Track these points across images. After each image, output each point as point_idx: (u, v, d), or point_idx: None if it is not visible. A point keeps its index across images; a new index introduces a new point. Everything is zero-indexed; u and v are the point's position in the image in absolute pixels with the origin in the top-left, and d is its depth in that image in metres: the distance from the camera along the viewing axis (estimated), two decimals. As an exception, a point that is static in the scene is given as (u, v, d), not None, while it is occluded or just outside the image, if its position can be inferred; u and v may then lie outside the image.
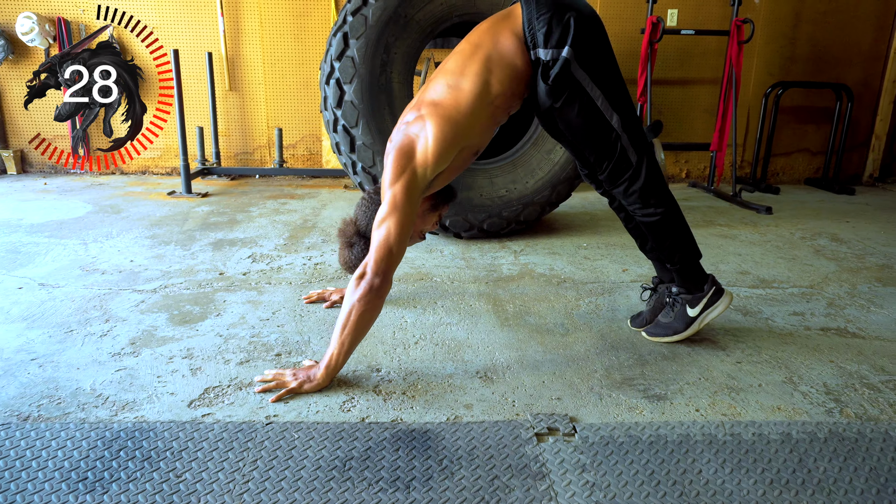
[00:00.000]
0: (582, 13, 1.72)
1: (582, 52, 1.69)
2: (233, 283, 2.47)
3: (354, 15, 2.76)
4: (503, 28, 1.73)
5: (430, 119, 1.66)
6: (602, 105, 1.74)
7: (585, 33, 1.70)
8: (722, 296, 1.97)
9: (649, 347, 2.00)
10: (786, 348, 2.02)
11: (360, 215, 1.85)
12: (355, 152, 2.88)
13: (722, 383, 1.78)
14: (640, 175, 1.81)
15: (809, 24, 4.77)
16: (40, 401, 1.58)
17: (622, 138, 1.78)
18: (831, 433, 1.52)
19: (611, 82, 1.76)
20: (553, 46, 1.68)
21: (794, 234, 3.53)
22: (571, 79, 1.71)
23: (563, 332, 2.10)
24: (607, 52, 1.78)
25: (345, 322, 1.62)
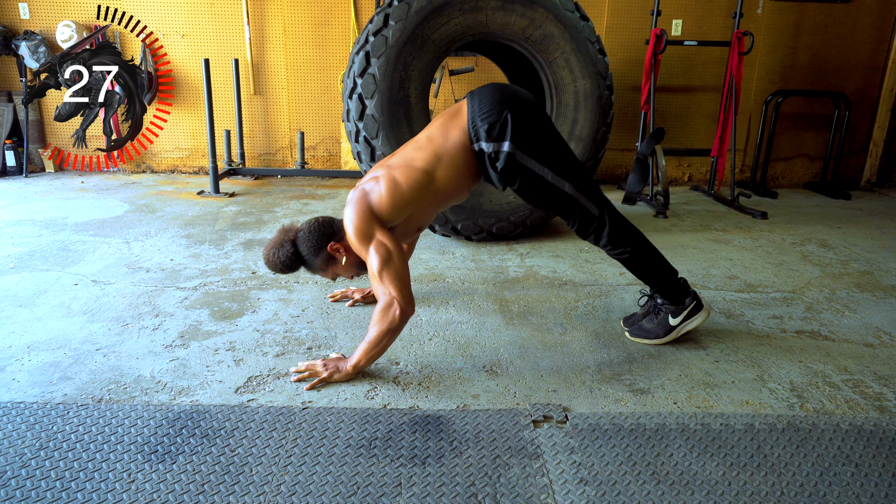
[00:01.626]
0: (519, 106, 1.96)
1: (523, 141, 1.96)
2: (264, 282, 2.74)
3: (376, 35, 3.00)
4: (453, 125, 2.01)
5: (383, 179, 1.96)
6: (552, 179, 2.01)
7: (524, 124, 1.96)
8: (700, 310, 2.22)
9: (637, 347, 2.24)
10: (761, 349, 2.26)
11: (304, 233, 2.02)
12: (375, 161, 3.13)
13: (699, 379, 2.02)
14: (604, 224, 2.07)
15: (809, 35, 4.94)
16: (109, 385, 1.86)
17: (579, 199, 2.04)
18: (789, 424, 1.76)
19: (556, 157, 2.02)
20: (494, 140, 1.95)
21: (785, 239, 3.74)
22: (518, 166, 1.98)
23: (561, 332, 2.35)
24: (548, 132, 2.03)
25: (376, 342, 1.89)
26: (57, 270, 2.81)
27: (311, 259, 2.03)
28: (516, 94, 2.02)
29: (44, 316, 2.33)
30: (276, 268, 2.05)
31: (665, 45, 4.25)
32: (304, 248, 2.02)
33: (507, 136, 1.94)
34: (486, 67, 4.97)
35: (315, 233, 2.02)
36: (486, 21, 3.12)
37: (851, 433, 1.73)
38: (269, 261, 2.06)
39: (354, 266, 2.08)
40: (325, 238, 2.01)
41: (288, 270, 2.06)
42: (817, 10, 4.90)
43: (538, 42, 3.22)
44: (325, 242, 2.01)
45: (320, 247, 2.01)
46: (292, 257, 2.03)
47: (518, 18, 3.14)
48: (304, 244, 2.02)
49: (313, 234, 2.02)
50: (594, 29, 3.33)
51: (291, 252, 2.03)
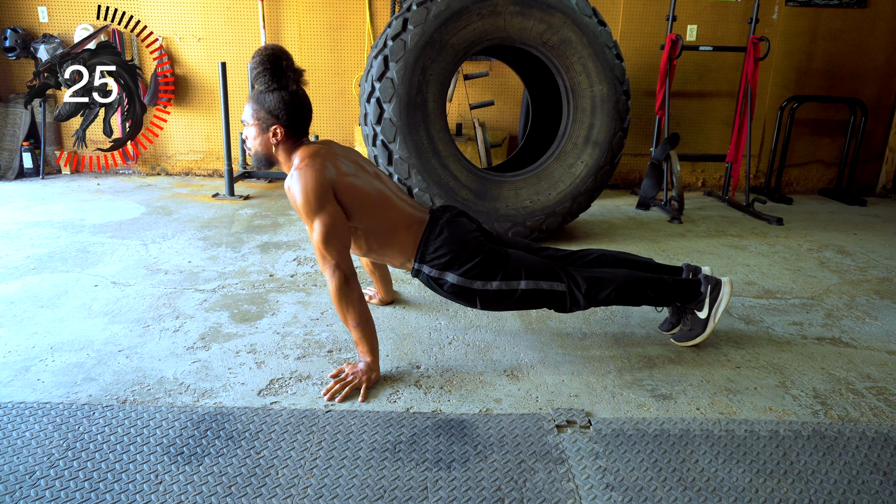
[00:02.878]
0: (463, 243, 1.99)
1: (464, 272, 1.98)
2: (282, 285, 2.75)
3: (394, 40, 3.02)
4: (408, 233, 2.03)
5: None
6: (506, 287, 2.00)
7: (464, 261, 1.98)
8: (721, 285, 2.16)
9: (658, 352, 2.24)
10: (782, 355, 2.24)
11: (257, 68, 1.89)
12: (392, 165, 3.14)
13: (721, 385, 2.01)
14: (575, 292, 2.03)
15: (825, 41, 4.93)
16: (132, 387, 1.87)
17: (541, 286, 2.01)
18: (815, 431, 1.75)
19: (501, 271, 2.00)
20: (439, 270, 2.00)
21: (801, 245, 3.72)
22: (468, 288, 2.00)
23: (580, 336, 2.34)
24: (486, 259, 2.00)
25: (346, 321, 1.93)
26: (77, 272, 2.83)
27: (262, 98, 1.94)
28: (469, 230, 2.07)
29: (65, 317, 2.34)
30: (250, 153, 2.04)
31: (681, 50, 4.24)
32: (261, 114, 1.95)
33: (455, 269, 1.99)
34: (501, 72, 4.98)
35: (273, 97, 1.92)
36: (504, 26, 3.13)
37: (878, 441, 1.71)
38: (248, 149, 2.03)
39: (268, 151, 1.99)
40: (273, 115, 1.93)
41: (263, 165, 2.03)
42: (833, 16, 4.88)
43: (555, 47, 3.22)
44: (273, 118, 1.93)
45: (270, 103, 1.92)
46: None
47: (536, 23, 3.15)
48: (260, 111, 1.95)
49: (266, 76, 1.89)
50: (611, 34, 3.33)
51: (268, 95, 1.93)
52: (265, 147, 1.96)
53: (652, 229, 3.98)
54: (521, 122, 4.95)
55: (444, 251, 1.99)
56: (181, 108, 5.08)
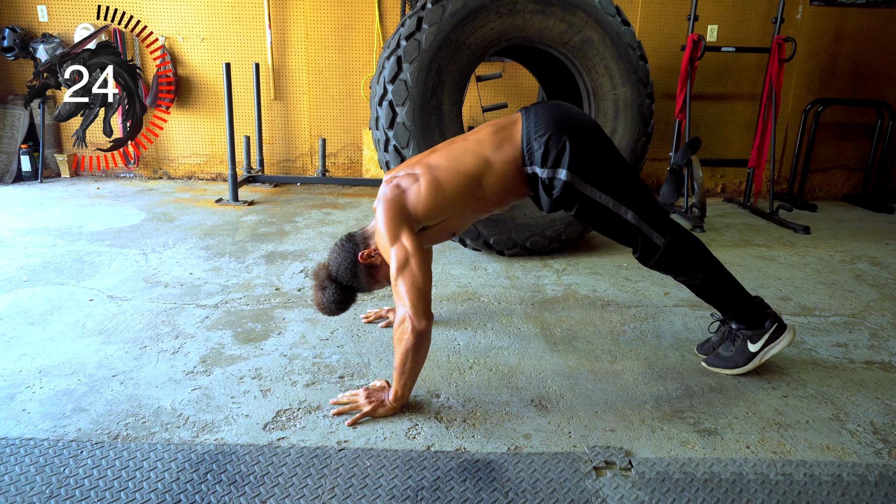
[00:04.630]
0: (578, 132, 1.80)
1: (582, 168, 1.79)
2: (289, 300, 2.58)
3: (408, 39, 2.85)
4: (505, 138, 1.84)
5: (423, 178, 1.79)
6: (614, 207, 1.84)
7: (583, 151, 1.79)
8: (784, 331, 2.02)
9: (696, 378, 2.06)
10: (831, 382, 2.07)
11: (333, 262, 1.89)
12: (404, 172, 2.97)
13: (769, 419, 1.84)
14: (668, 254, 1.89)
15: (851, 41, 4.74)
16: (126, 419, 1.70)
17: (642, 228, 1.87)
18: (882, 476, 1.58)
19: (618, 184, 1.84)
20: (550, 167, 1.79)
21: (833, 256, 3.54)
22: (576, 194, 1.81)
23: (611, 360, 2.17)
24: (610, 157, 1.86)
25: (401, 368, 1.71)
26: (71, 284, 2.67)
27: (355, 281, 1.89)
28: (575, 116, 1.86)
29: (57, 336, 2.18)
30: (334, 309, 1.94)
31: (703, 51, 4.06)
32: (341, 276, 1.89)
33: (565, 164, 1.78)
34: (514, 74, 4.81)
35: (340, 255, 1.89)
36: (524, 25, 2.96)
37: (954, 488, 1.53)
38: (324, 308, 1.93)
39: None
40: (352, 253, 1.87)
41: (347, 304, 1.95)
42: (859, 16, 4.69)
43: (577, 47, 3.05)
44: (354, 257, 1.87)
45: (353, 263, 1.86)
46: (340, 291, 1.91)
47: (557, 22, 2.98)
48: (339, 273, 1.89)
49: (340, 258, 1.89)
50: (635, 34, 3.15)
51: (335, 288, 1.90)
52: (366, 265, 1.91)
53: (674, 238, 3.80)
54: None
55: (551, 139, 1.78)
56: (184, 110, 4.92)
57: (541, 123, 1.80)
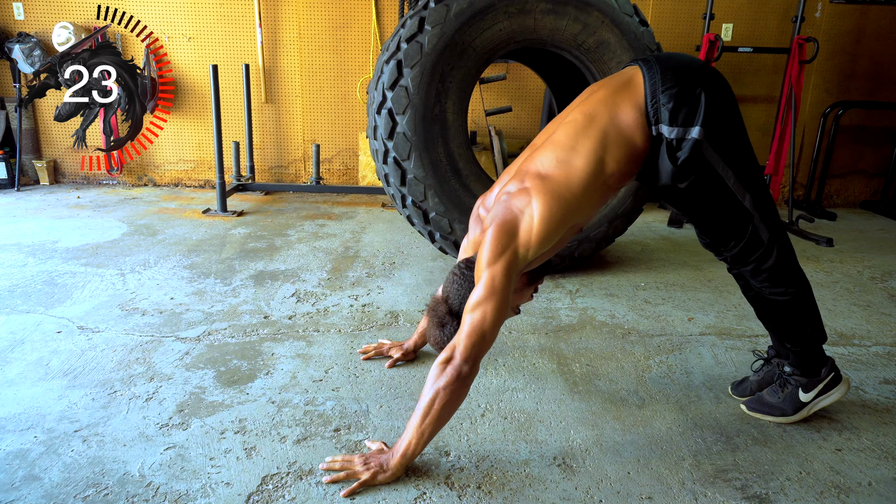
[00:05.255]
0: (712, 85, 1.54)
1: (713, 131, 1.52)
2: (279, 330, 2.34)
3: (409, 42, 2.60)
4: (623, 99, 1.57)
5: (537, 195, 1.51)
6: (734, 186, 1.59)
7: (717, 109, 1.52)
8: (840, 383, 1.81)
9: (736, 426, 1.83)
10: (887, 430, 1.84)
11: (453, 293, 1.62)
12: (406, 185, 2.73)
13: (826, 479, 1.61)
14: (771, 254, 1.66)
15: (872, 41, 4.52)
16: (86, 490, 1.46)
17: (754, 217, 1.63)
18: (967, 558, 1.35)
19: (743, 159, 1.60)
20: (680, 125, 1.51)
21: (861, 273, 3.32)
22: (701, 161, 1.54)
23: (638, 404, 1.94)
24: (739, 126, 1.61)
25: (426, 410, 1.47)
26: (39, 312, 2.42)
27: None
28: (707, 67, 1.60)
29: (16, 379, 1.94)
30: None
31: (720, 51, 3.83)
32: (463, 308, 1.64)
33: (698, 121, 1.50)
34: (518, 75, 4.57)
35: (463, 285, 1.62)
36: (535, 26, 2.72)
37: None
38: (442, 346, 1.65)
39: (523, 287, 1.70)
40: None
41: None
42: (881, 14, 4.47)
43: (592, 50, 2.81)
44: None
45: None
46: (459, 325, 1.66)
47: (570, 23, 2.74)
48: (461, 306, 1.62)
49: (463, 289, 1.62)
50: (654, 35, 2.92)
51: (456, 323, 1.63)
52: (518, 295, 1.71)
53: (691, 252, 3.57)
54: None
55: (682, 92, 1.51)
56: (170, 114, 4.66)
57: (668, 73, 1.53)
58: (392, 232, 3.77)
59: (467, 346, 1.46)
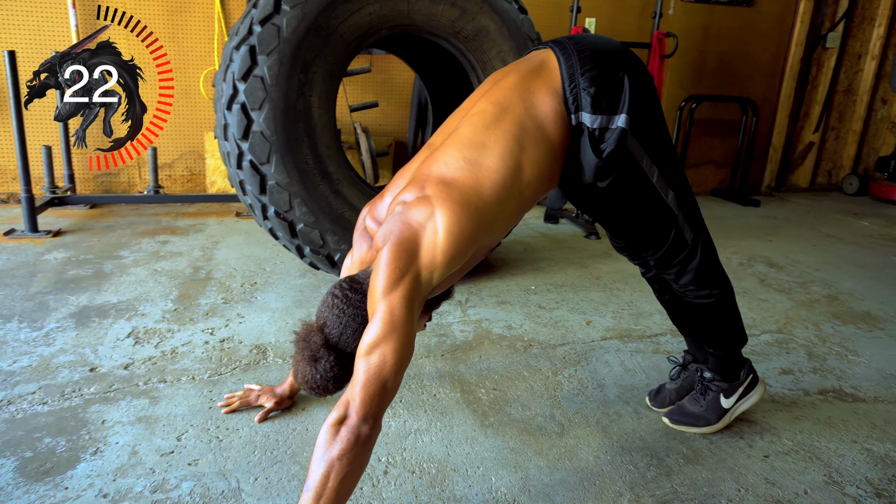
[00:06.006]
0: (635, 69, 1.34)
1: (638, 119, 1.32)
2: (111, 386, 1.83)
3: (264, 24, 2.18)
4: (537, 85, 1.31)
5: (441, 205, 1.18)
6: (657, 182, 1.39)
7: (641, 95, 1.32)
8: (757, 384, 1.72)
9: (664, 444, 1.68)
10: (801, 426, 1.79)
11: (332, 320, 1.26)
12: (266, 194, 2.31)
13: (765, 494, 1.49)
14: (696, 255, 1.49)
15: (717, 39, 4.78)
16: None
17: (678, 217, 1.45)
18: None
19: (667, 152, 1.41)
20: (604, 112, 1.29)
21: (730, 259, 3.43)
22: (626, 154, 1.32)
23: (558, 431, 1.72)
24: (661, 115, 1.42)
25: (319, 491, 1.09)
26: None
27: None
28: (627, 49, 1.38)
29: None
30: (329, 388, 1.27)
31: (588, 45, 3.79)
32: (346, 340, 1.25)
33: (623, 108, 1.29)
34: (384, 67, 4.25)
35: (345, 310, 1.25)
36: (408, 10, 2.42)
37: None
38: (316, 386, 1.26)
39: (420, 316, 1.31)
40: (362, 307, 1.25)
41: (346, 381, 1.25)
42: (724, 14, 4.74)
43: (470, 38, 2.57)
44: (365, 312, 1.24)
45: (364, 321, 1.24)
46: (341, 364, 1.25)
47: (447, 8, 2.47)
48: (343, 336, 1.25)
49: (345, 315, 1.25)
50: (533, 24, 2.75)
51: (334, 359, 1.24)
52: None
53: (573, 249, 3.49)
54: (412, 126, 4.26)
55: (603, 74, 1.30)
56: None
57: (585, 55, 1.30)
58: (250, 245, 3.29)
59: (365, 400, 1.12)
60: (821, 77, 5.12)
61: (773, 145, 5.18)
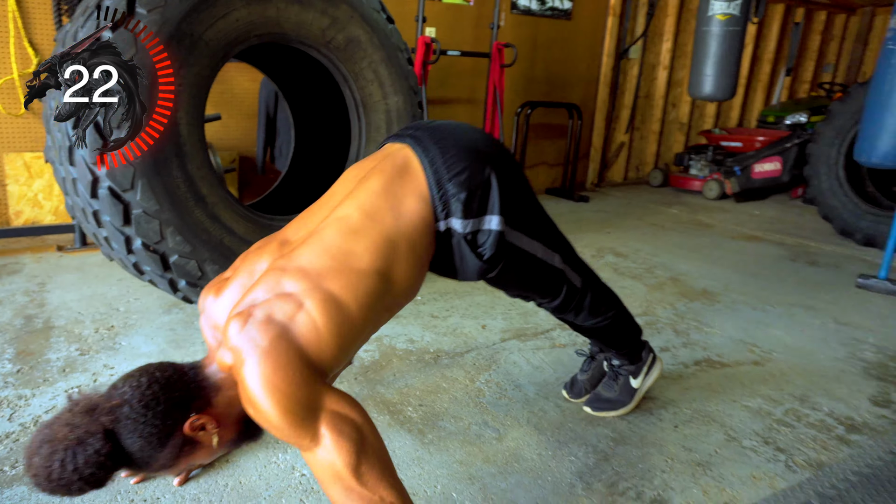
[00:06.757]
0: (498, 158, 1.34)
1: (511, 213, 1.32)
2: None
3: (116, 30, 1.91)
4: (404, 192, 1.25)
5: (312, 300, 1.09)
6: (542, 254, 1.44)
7: (509, 186, 1.32)
8: (655, 361, 1.91)
9: (592, 432, 1.79)
10: (693, 395, 2.03)
11: (132, 415, 1.00)
12: (132, 224, 2.02)
13: (688, 461, 1.67)
14: (587, 295, 1.59)
15: (543, 49, 5.19)
16: None
17: (565, 271, 1.52)
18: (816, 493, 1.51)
19: (543, 224, 1.48)
20: (474, 216, 1.28)
21: (583, 252, 3.72)
22: (507, 247, 1.34)
23: (496, 436, 1.75)
24: (529, 192, 1.45)
25: None
26: None
27: (154, 453, 1.02)
28: (482, 133, 1.38)
29: None
30: (73, 488, 0.97)
31: (438, 54, 3.90)
32: (137, 438, 1.00)
33: (494, 208, 1.28)
34: (222, 77, 3.94)
35: (150, 408, 1.01)
36: (278, 17, 2.28)
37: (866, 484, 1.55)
38: (53, 479, 0.96)
39: (228, 444, 1.14)
40: (179, 409, 1.04)
41: (96, 486, 0.99)
42: (548, 26, 5.15)
43: (342, 48, 2.50)
44: (180, 417, 1.04)
45: (173, 428, 1.03)
46: (109, 460, 0.98)
47: (318, 16, 2.38)
48: (136, 430, 1.00)
49: (152, 409, 1.01)
50: (401, 34, 2.75)
51: (108, 450, 0.97)
52: (216, 449, 1.12)
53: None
54: (261, 139, 4.02)
55: (472, 177, 1.27)
56: None
57: (449, 154, 1.26)
58: (90, 283, 2.85)
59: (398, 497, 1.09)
60: (626, 84, 5.81)
61: (593, 146, 5.76)
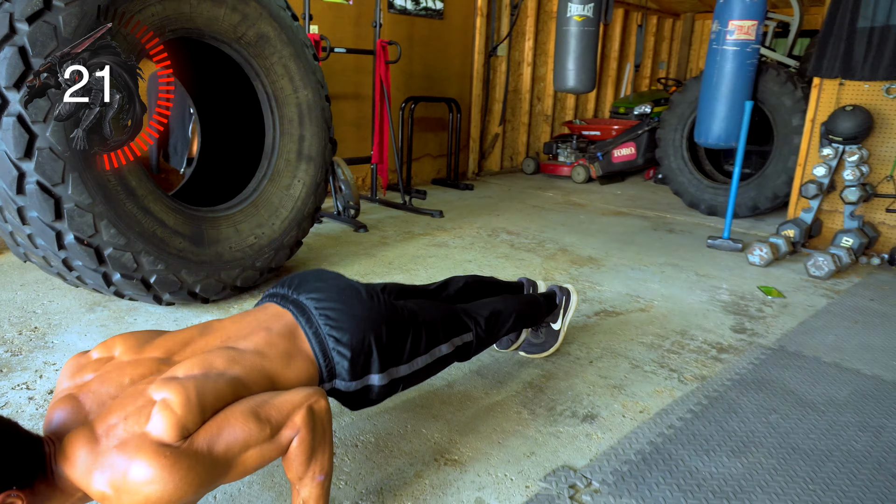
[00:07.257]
0: (374, 319, 1.43)
1: (391, 361, 1.44)
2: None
3: (34, 22, 1.87)
4: (295, 350, 1.34)
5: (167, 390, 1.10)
6: (431, 356, 1.56)
7: (387, 342, 1.43)
8: (570, 296, 2.16)
9: (526, 371, 2.09)
10: (598, 338, 2.39)
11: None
12: (64, 219, 1.99)
13: (607, 385, 2.01)
14: (480, 337, 1.71)
15: (420, 46, 5.46)
16: None
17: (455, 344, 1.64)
18: (707, 397, 1.92)
19: (423, 332, 1.53)
20: (358, 377, 1.40)
21: (479, 232, 4.07)
22: (397, 381, 1.48)
23: (446, 384, 1.98)
24: (405, 325, 1.51)
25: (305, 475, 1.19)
26: None
27: None
28: (365, 294, 1.48)
29: None
30: None
31: (329, 51, 4.02)
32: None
33: (374, 367, 1.41)
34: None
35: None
36: (191, 13, 2.32)
37: (738, 386, 1.99)
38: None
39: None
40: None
41: None
42: (423, 25, 5.43)
43: (252, 44, 2.58)
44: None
45: None
46: None
47: (229, 12, 2.44)
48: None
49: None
50: (306, 31, 2.87)
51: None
52: None
53: (354, 243, 3.71)
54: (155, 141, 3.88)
55: (355, 345, 1.38)
56: None
57: (332, 323, 1.37)
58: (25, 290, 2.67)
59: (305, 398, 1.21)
60: (497, 80, 6.26)
61: (472, 137, 6.15)
